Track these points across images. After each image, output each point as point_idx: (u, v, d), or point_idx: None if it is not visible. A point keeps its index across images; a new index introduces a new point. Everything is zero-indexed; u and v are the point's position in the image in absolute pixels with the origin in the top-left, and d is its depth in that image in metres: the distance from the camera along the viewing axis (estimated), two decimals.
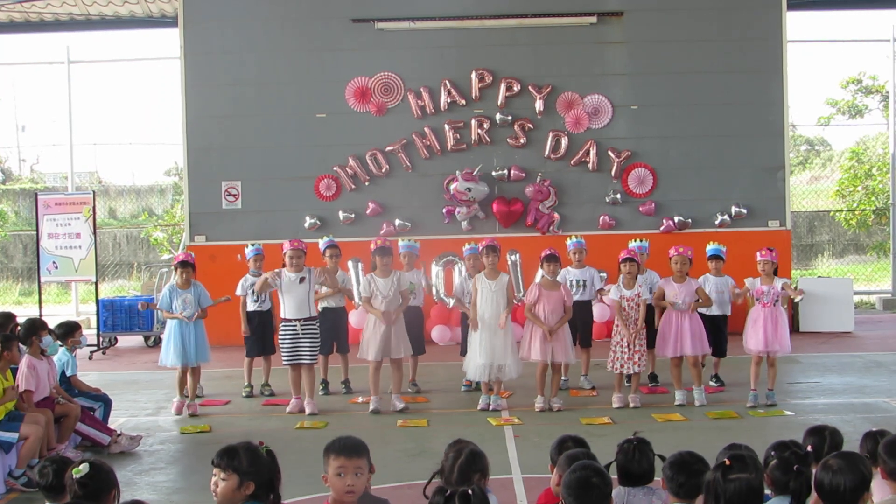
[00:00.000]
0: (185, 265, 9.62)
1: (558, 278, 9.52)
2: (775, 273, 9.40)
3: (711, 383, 10.32)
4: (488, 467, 4.27)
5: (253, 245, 10.76)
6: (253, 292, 10.26)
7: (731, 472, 3.61)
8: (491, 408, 9.33)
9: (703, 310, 9.80)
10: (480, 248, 9.56)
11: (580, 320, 10.09)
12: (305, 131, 14.69)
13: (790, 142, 15.80)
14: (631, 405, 9.28)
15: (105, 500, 4.08)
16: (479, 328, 9.25)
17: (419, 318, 10.55)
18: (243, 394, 10.49)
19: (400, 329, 9.48)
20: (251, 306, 10.51)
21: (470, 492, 3.47)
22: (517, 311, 11.00)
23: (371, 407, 9.42)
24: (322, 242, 10.59)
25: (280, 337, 9.45)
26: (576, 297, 9.92)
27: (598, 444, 4.93)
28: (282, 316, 9.45)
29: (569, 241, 10.67)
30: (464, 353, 9.90)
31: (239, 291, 10.56)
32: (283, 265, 9.45)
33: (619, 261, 9.42)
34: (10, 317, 8.31)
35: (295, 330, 9.32)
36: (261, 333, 10.50)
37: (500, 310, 9.20)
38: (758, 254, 9.46)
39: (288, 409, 9.50)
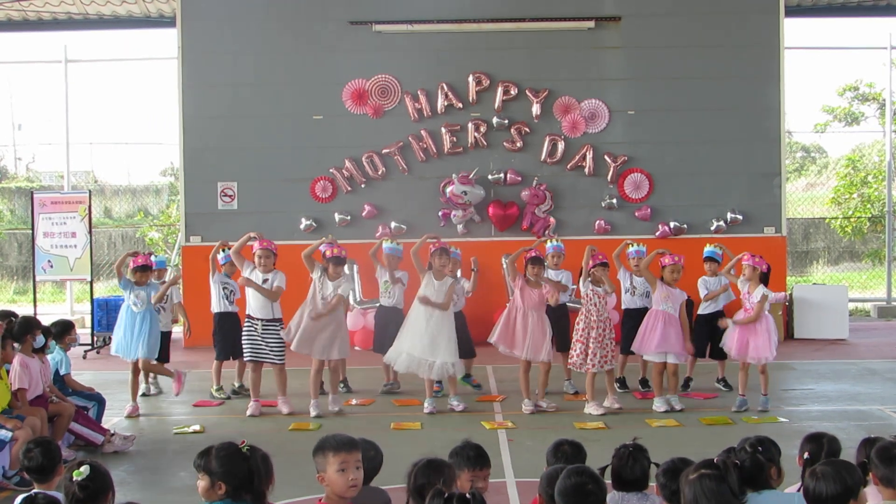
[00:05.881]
0: (144, 269, 9.58)
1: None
2: (763, 281, 9.22)
3: (719, 387, 10.38)
4: (449, 477, 4.16)
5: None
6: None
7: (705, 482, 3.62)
8: (449, 408, 9.45)
9: (702, 311, 10.02)
10: (433, 248, 9.54)
11: (556, 324, 9.83)
12: (302, 133, 14.67)
13: (786, 148, 15.80)
14: (615, 406, 9.36)
15: (102, 501, 4.06)
16: (414, 320, 9.35)
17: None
18: (213, 395, 10.44)
19: (337, 330, 9.50)
20: (220, 307, 10.44)
21: (468, 496, 3.46)
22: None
23: (312, 413, 9.38)
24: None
25: (244, 333, 9.63)
26: (552, 302, 9.78)
27: (591, 448, 4.92)
28: (246, 312, 9.62)
29: (548, 245, 10.55)
30: (463, 355, 9.86)
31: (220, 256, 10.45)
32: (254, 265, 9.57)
33: (592, 266, 9.37)
34: (5, 314, 8.30)
35: (256, 328, 9.51)
36: (232, 337, 10.29)
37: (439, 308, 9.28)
38: (745, 255, 9.42)
39: (248, 413, 9.47)
